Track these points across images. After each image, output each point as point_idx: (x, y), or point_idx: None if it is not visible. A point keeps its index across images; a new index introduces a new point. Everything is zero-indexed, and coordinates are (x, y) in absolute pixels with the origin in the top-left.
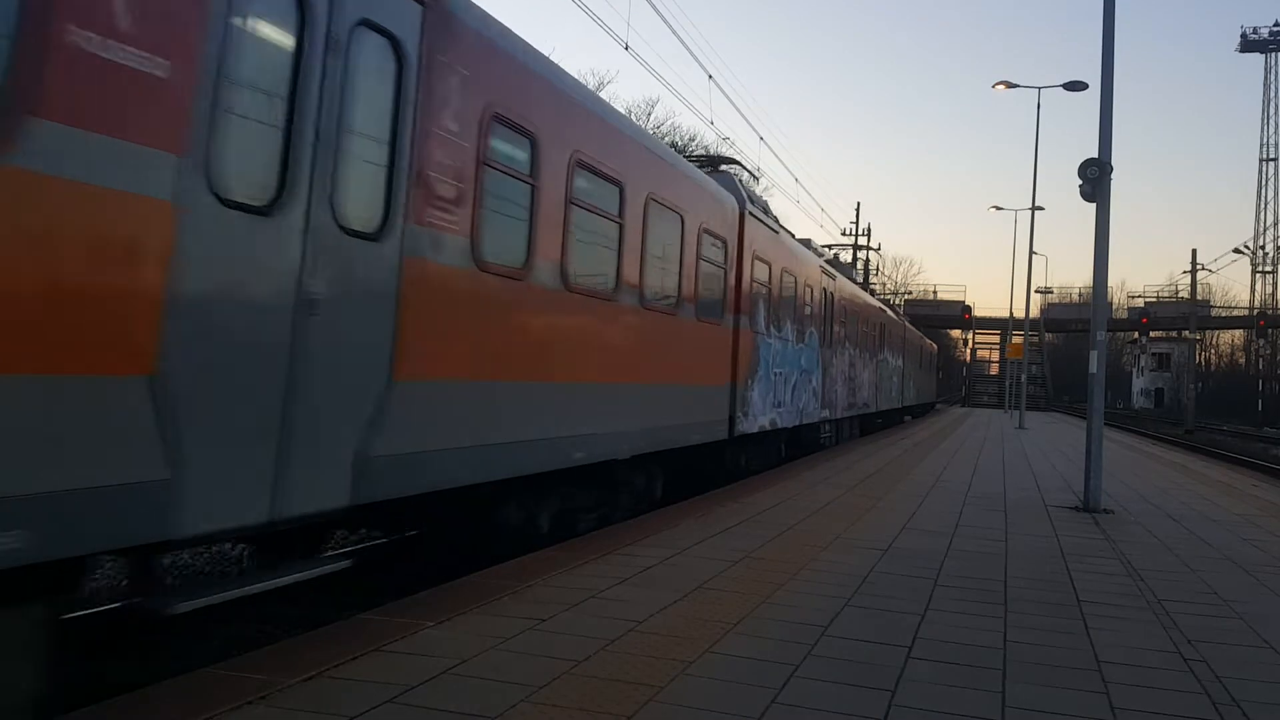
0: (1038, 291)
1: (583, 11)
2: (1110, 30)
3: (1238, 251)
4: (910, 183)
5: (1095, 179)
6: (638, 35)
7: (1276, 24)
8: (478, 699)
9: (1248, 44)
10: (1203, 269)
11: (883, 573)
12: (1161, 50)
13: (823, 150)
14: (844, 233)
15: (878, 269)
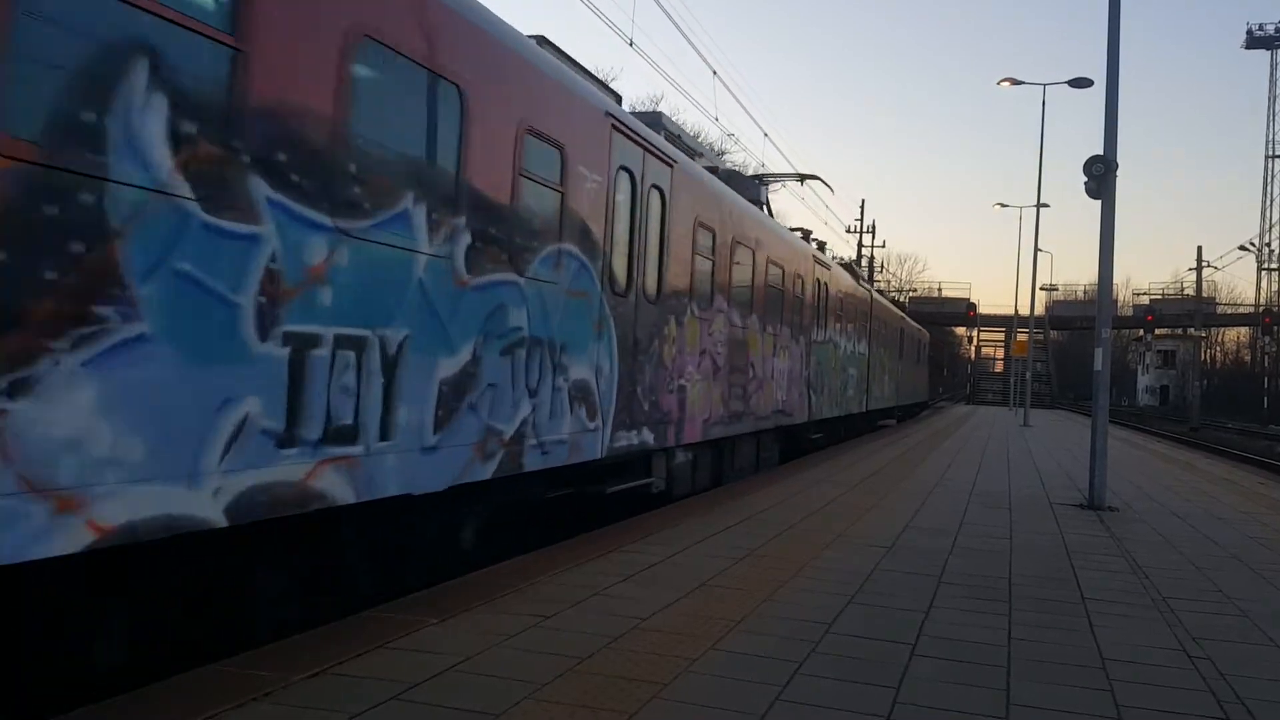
0: (1042, 289)
1: (587, 8)
2: (1115, 27)
3: (1243, 249)
4: (915, 180)
5: (1100, 176)
6: (642, 32)
7: None
8: (481, 696)
9: (1253, 40)
10: (1208, 266)
11: (886, 570)
12: (1167, 47)
13: (826, 148)
14: (849, 230)
15: (882, 266)
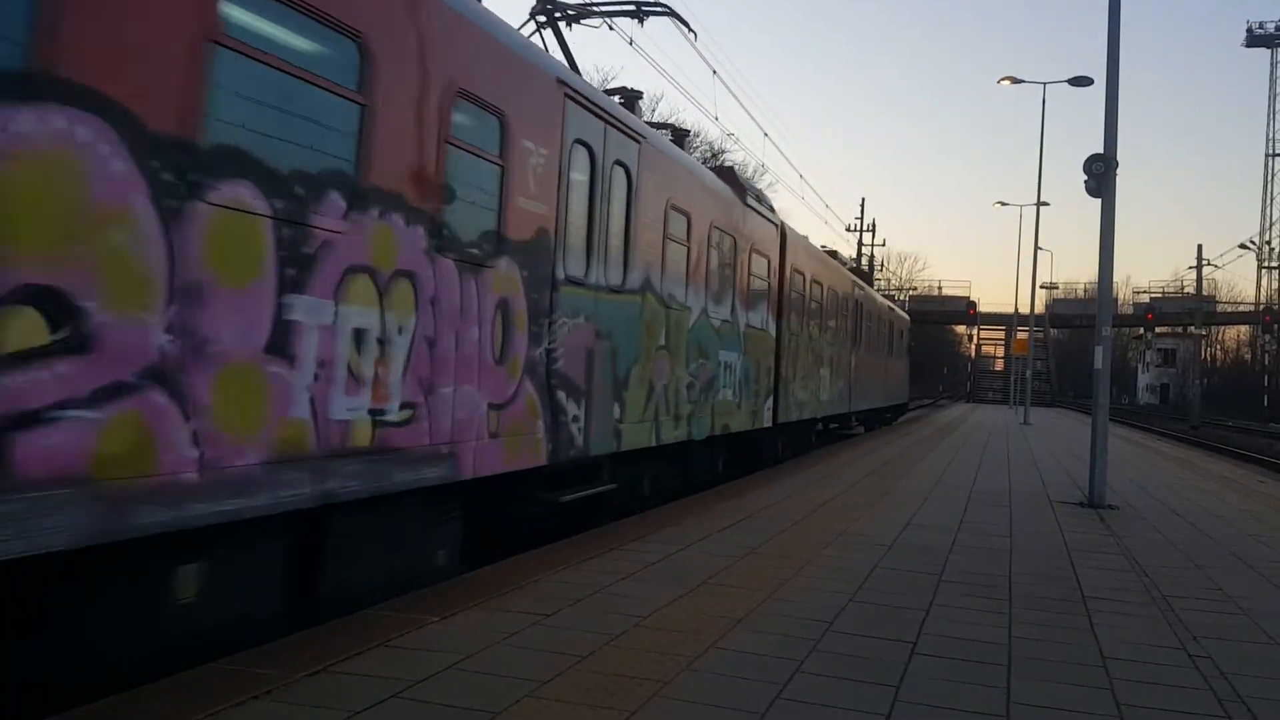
0: (1043, 287)
1: None
2: (1116, 25)
3: (1243, 247)
4: (914, 178)
5: (1101, 174)
6: (642, 31)
7: None
8: (482, 694)
9: (1254, 39)
10: (1208, 264)
11: (887, 568)
12: (1167, 45)
13: (827, 147)
14: (849, 229)
15: (883, 265)
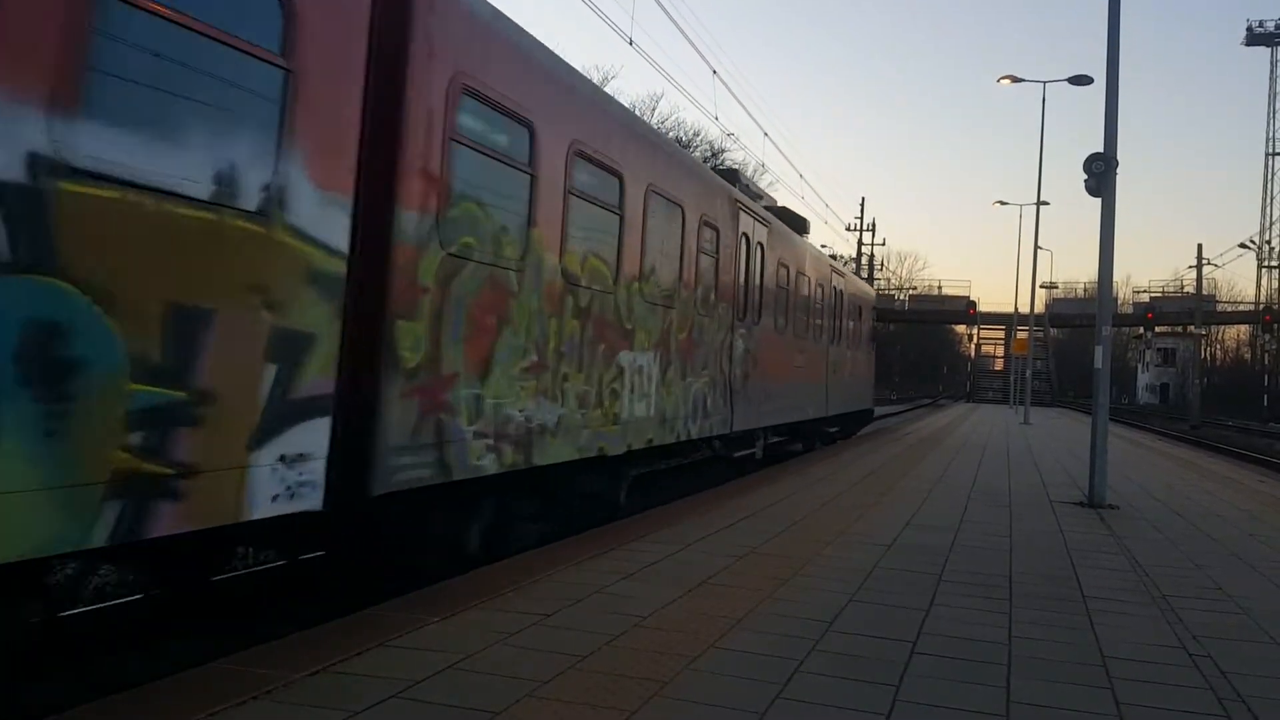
0: (1043, 287)
1: (587, 6)
2: (1115, 24)
3: (1243, 246)
4: (914, 178)
5: (1100, 174)
6: (642, 30)
7: None
8: (482, 694)
9: (1253, 37)
10: (1208, 264)
11: (887, 568)
12: (1167, 44)
13: (826, 146)
14: (849, 228)
15: (882, 264)
